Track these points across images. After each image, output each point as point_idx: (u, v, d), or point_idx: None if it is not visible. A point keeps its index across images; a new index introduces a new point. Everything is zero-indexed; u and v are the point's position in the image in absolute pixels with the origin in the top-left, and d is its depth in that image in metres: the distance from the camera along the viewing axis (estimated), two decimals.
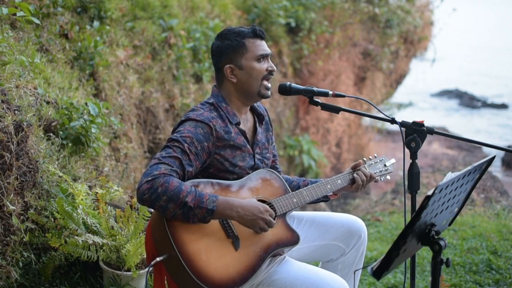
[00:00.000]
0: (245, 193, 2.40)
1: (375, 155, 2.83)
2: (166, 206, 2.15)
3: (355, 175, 2.66)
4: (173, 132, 2.38)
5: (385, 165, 2.81)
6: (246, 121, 2.55)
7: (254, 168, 2.51)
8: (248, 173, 2.48)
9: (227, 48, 2.46)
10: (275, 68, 2.51)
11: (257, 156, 2.53)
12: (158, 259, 2.20)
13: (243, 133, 2.48)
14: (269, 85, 2.50)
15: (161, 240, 2.23)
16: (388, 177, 2.82)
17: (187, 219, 2.19)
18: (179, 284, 2.25)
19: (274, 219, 2.41)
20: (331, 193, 2.67)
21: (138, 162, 4.98)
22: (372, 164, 2.77)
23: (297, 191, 2.52)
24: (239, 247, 2.28)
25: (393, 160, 2.85)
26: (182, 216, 2.18)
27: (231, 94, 2.49)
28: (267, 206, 2.32)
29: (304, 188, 2.55)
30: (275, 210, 2.43)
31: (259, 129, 2.58)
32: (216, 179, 2.39)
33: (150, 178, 2.15)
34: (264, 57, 2.47)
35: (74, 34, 4.56)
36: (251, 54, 2.45)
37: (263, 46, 2.48)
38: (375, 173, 2.75)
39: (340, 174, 2.67)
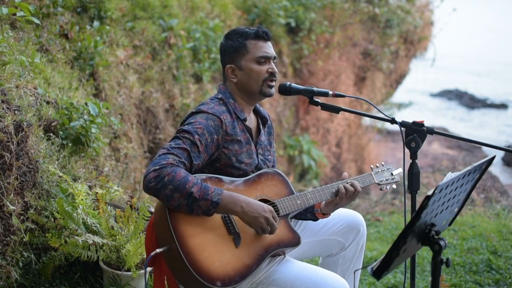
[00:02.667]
0: (249, 191, 2.41)
1: (383, 163, 2.83)
2: (171, 195, 2.16)
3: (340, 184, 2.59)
4: (182, 123, 2.39)
5: (392, 174, 2.81)
6: (250, 120, 2.57)
7: (258, 167, 2.52)
8: (253, 171, 2.49)
9: (229, 48, 2.49)
10: (276, 70, 2.50)
11: (260, 156, 2.54)
12: (158, 250, 2.21)
13: (248, 130, 2.50)
14: (273, 84, 2.51)
15: (162, 232, 2.24)
16: (394, 186, 2.82)
17: (191, 211, 2.20)
18: (178, 277, 2.25)
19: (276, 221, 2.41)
20: (319, 211, 2.63)
21: (138, 162, 4.98)
22: (379, 172, 2.77)
23: (301, 193, 2.52)
24: (239, 244, 2.28)
25: (400, 170, 2.84)
26: (186, 206, 2.18)
27: (234, 92, 2.52)
28: (272, 208, 2.32)
29: (309, 190, 2.55)
30: (278, 210, 2.43)
31: (262, 131, 2.60)
32: (222, 175, 2.40)
33: (157, 167, 2.16)
34: (265, 59, 2.48)
35: (74, 34, 4.55)
36: (251, 55, 2.47)
37: (265, 48, 2.48)
38: (381, 181, 2.75)
39: (340, 181, 2.62)
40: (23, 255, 2.85)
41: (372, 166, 2.79)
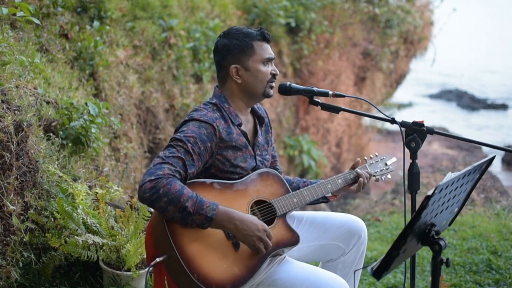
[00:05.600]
0: (245, 193, 2.40)
1: (376, 154, 2.83)
2: (165, 208, 2.15)
3: (358, 171, 2.67)
4: (176, 131, 2.37)
5: (386, 164, 2.81)
6: (247, 122, 2.56)
7: (256, 169, 2.51)
8: (249, 174, 2.48)
9: (235, 48, 2.45)
10: (278, 72, 2.52)
11: (258, 157, 2.53)
12: (158, 259, 2.20)
13: (244, 134, 2.48)
14: (274, 84, 2.52)
15: (161, 240, 2.23)
16: (389, 176, 2.82)
17: (185, 224, 2.19)
18: (179, 284, 2.24)
19: (274, 220, 2.41)
20: (330, 194, 2.67)
21: (138, 162, 4.98)
22: (373, 163, 2.78)
23: (297, 191, 2.53)
24: (239, 248, 2.28)
25: (394, 159, 2.85)
26: (180, 219, 2.18)
27: (234, 94, 2.49)
28: (266, 226, 2.30)
29: (305, 188, 2.55)
30: (275, 210, 2.43)
31: (259, 131, 2.59)
32: (217, 179, 2.39)
33: (153, 178, 2.14)
34: (270, 60, 2.49)
35: (74, 34, 4.56)
36: (258, 56, 2.46)
37: (269, 50, 2.50)
38: (375, 172, 2.77)
39: (340, 174, 2.67)
40: (23, 255, 2.84)
41: (366, 157, 2.80)
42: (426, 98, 20.95)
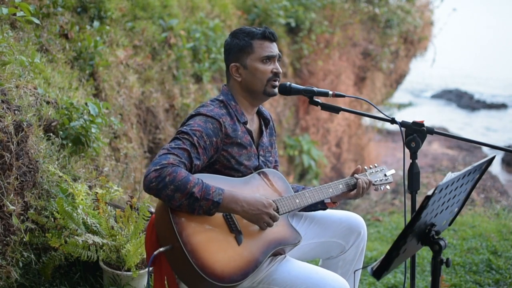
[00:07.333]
0: (248, 191, 2.41)
1: (376, 164, 2.86)
2: (172, 195, 2.16)
3: (357, 177, 2.68)
4: (182, 125, 2.40)
5: (385, 175, 2.83)
6: (252, 122, 2.59)
7: (258, 168, 2.54)
8: (252, 173, 2.50)
9: (235, 47, 2.50)
10: (280, 70, 2.52)
11: (261, 158, 2.55)
12: (161, 249, 2.21)
13: (249, 132, 2.50)
14: (277, 83, 2.53)
15: (165, 232, 2.24)
16: (388, 186, 2.85)
17: (192, 210, 2.20)
18: (181, 276, 2.25)
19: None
20: (329, 200, 2.68)
21: (138, 162, 4.98)
22: (372, 172, 2.80)
23: (299, 192, 2.54)
24: (241, 242, 2.29)
25: (393, 171, 2.88)
26: (187, 206, 2.19)
27: (237, 92, 2.53)
28: (271, 201, 2.33)
29: (307, 190, 2.57)
30: (278, 209, 2.44)
31: (264, 132, 2.61)
32: (221, 176, 2.40)
33: (158, 167, 2.16)
34: (270, 58, 2.49)
35: (74, 34, 4.56)
36: (256, 54, 2.48)
37: (271, 48, 2.50)
38: (375, 181, 2.78)
39: (341, 180, 2.68)
40: (23, 255, 2.85)
41: (366, 167, 2.82)
42: (426, 98, 20.96)
